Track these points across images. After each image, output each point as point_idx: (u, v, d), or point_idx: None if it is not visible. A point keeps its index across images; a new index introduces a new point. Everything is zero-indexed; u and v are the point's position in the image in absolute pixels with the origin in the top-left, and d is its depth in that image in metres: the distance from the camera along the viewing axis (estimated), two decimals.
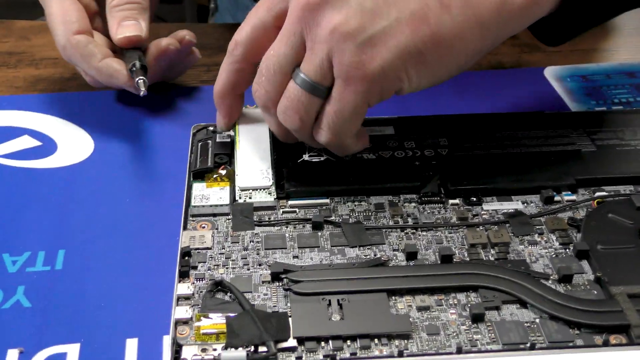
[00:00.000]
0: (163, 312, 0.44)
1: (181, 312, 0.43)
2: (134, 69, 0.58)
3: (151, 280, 0.48)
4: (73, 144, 0.60)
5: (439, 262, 0.47)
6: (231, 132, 0.57)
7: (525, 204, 0.51)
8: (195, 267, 0.46)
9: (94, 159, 0.58)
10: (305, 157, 0.54)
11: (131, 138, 0.61)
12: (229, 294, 0.44)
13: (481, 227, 0.49)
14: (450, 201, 0.51)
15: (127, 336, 0.44)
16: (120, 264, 0.49)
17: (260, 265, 0.46)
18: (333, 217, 0.50)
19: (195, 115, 0.62)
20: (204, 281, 0.45)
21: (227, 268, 0.46)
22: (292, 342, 0.41)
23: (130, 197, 0.55)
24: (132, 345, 0.44)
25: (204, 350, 0.41)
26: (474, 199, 0.51)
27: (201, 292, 0.44)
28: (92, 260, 0.49)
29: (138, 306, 0.46)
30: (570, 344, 0.41)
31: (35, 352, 0.43)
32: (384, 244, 0.48)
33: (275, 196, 0.51)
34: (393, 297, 0.44)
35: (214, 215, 0.50)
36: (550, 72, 0.70)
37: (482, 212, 0.50)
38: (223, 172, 0.53)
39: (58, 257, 0.49)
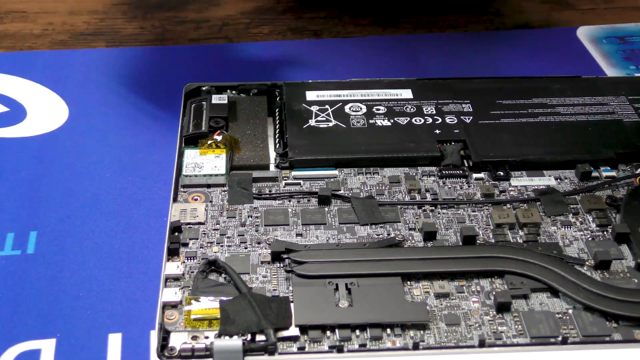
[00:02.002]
0: (150, 304, 0.43)
1: (169, 294, 0.42)
2: None
3: (137, 267, 0.47)
4: (45, 110, 0.59)
5: (461, 243, 0.46)
6: (229, 93, 0.56)
7: (559, 180, 0.50)
8: (186, 244, 0.45)
9: (69, 127, 0.57)
10: (312, 122, 0.53)
11: (111, 103, 0.59)
12: (223, 275, 0.44)
13: (509, 205, 0.48)
14: (474, 175, 0.50)
15: (109, 331, 0.43)
16: (101, 247, 0.48)
17: (259, 243, 0.46)
18: (342, 191, 0.49)
19: (183, 77, 0.60)
20: (195, 260, 0.44)
21: (221, 246, 0.45)
22: (294, 331, 0.40)
23: (111, 170, 0.53)
24: (115, 341, 0.43)
25: (194, 338, 0.40)
26: (501, 173, 0.50)
27: (192, 272, 0.44)
28: (69, 243, 0.48)
29: (122, 296, 0.45)
30: (607, 339, 0.41)
31: (5, 348, 0.42)
32: (399, 222, 0.47)
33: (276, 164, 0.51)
34: (408, 282, 0.43)
35: (208, 186, 0.49)
36: (583, 33, 0.69)
37: (510, 188, 0.50)
38: (219, 137, 0.52)
39: (29, 240, 0.48)
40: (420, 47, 0.66)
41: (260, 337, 0.40)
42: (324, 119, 0.54)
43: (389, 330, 0.41)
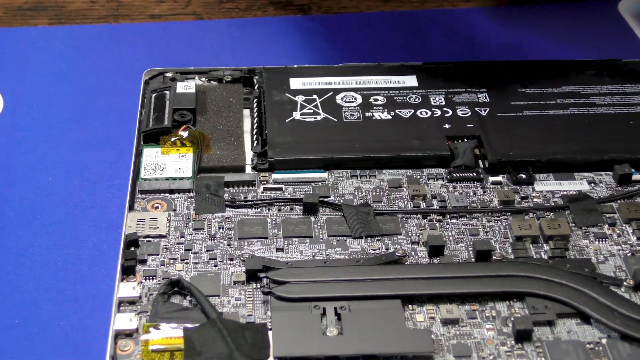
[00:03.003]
0: (100, 333, 0.43)
1: (123, 321, 0.42)
2: None
3: (84, 288, 0.47)
4: None
5: (473, 260, 0.46)
6: (197, 81, 0.56)
7: (593, 184, 0.51)
8: (143, 262, 0.46)
9: (4, 121, 0.57)
10: (296, 115, 0.54)
11: (55, 92, 0.60)
12: (188, 297, 0.44)
13: (532, 214, 0.49)
14: (491, 178, 0.51)
15: None
16: (41, 265, 0.48)
17: (231, 260, 0.46)
18: (331, 198, 0.50)
19: (144, 60, 0.61)
20: (155, 280, 0.45)
21: (186, 263, 0.46)
22: None
23: (54, 172, 0.54)
24: None
25: None
26: (523, 175, 0.51)
27: (151, 294, 0.44)
28: (2, 260, 0.48)
29: (66, 324, 0.45)
30: None
31: None
32: (400, 234, 0.48)
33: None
34: (410, 306, 0.44)
35: (171, 191, 0.50)
36: (626, 7, 0.69)
37: (534, 194, 0.50)
38: (184, 133, 0.52)
39: None
40: (428, 25, 0.67)
41: None
42: (311, 111, 0.54)
43: None
